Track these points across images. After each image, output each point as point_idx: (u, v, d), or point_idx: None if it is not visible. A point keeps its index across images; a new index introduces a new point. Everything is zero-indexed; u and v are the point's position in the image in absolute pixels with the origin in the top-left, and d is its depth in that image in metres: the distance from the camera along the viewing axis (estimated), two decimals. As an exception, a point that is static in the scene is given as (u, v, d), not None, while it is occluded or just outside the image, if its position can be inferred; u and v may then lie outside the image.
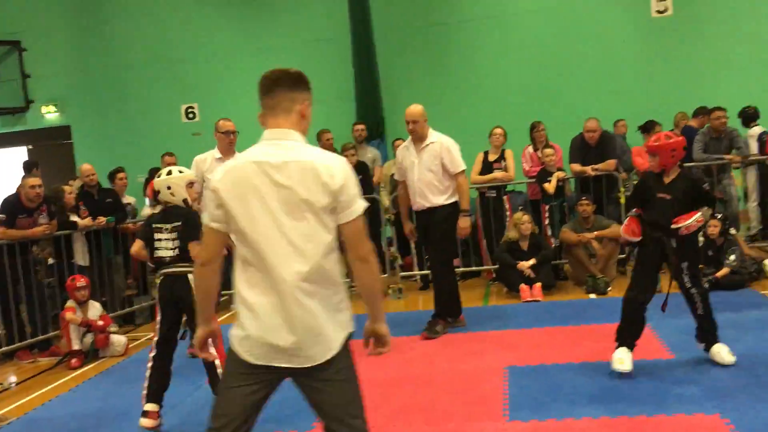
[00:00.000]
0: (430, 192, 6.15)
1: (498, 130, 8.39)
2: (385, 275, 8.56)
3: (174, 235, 4.60)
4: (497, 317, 6.72)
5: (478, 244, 8.58)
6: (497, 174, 8.27)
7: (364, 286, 2.59)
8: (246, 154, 2.56)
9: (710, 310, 4.77)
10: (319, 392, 2.55)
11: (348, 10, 11.72)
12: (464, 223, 6.21)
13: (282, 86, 2.57)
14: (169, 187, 4.68)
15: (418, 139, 6.27)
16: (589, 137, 8.12)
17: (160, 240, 4.62)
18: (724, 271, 6.85)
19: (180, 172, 4.77)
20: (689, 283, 4.67)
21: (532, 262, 7.47)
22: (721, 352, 4.70)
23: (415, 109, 6.33)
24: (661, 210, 4.60)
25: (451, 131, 11.98)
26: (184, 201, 4.73)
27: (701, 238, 7.05)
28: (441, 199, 6.15)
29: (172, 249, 4.59)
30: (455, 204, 6.19)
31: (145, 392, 4.57)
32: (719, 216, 7.14)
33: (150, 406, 4.52)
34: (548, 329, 6.08)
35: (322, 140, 9.39)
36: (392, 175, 9.14)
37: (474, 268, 8.69)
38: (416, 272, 8.59)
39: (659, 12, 11.59)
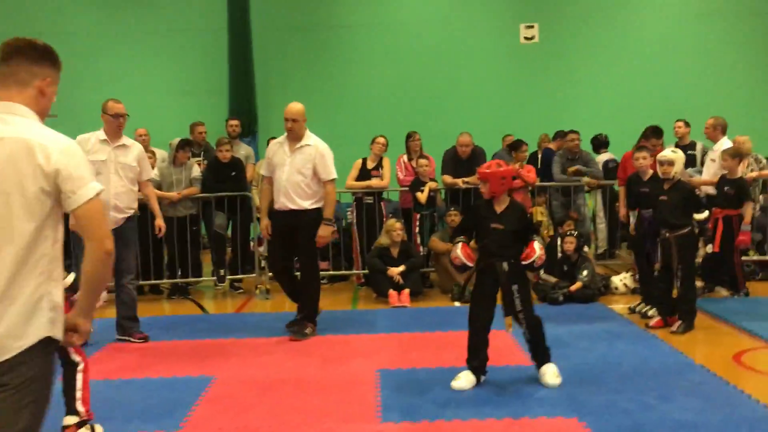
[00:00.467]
0: (296, 194, 6.06)
1: (381, 139, 8.51)
2: (253, 275, 8.42)
3: None
4: (366, 321, 6.79)
5: (350, 248, 8.63)
6: (372, 182, 8.36)
7: (86, 272, 2.30)
8: None
9: (540, 335, 4.81)
10: None
11: (227, 2, 11.46)
12: (325, 231, 6.15)
13: (23, 56, 2.32)
14: None
15: (294, 138, 6.19)
16: (461, 151, 8.42)
17: None
18: (577, 285, 7.33)
19: None
20: (519, 306, 4.72)
21: (401, 268, 7.62)
22: (546, 374, 4.76)
23: (296, 107, 6.25)
24: (495, 239, 4.68)
25: (324, 134, 11.95)
26: None
27: (558, 253, 7.56)
28: (306, 203, 6.09)
29: None
30: (320, 210, 6.16)
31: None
32: (575, 233, 7.64)
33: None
34: (417, 335, 6.22)
35: (194, 133, 9.12)
36: (264, 171, 9.06)
37: (344, 272, 8.72)
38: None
39: (527, 39, 12.27)
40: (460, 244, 4.77)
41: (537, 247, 4.66)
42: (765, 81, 12.04)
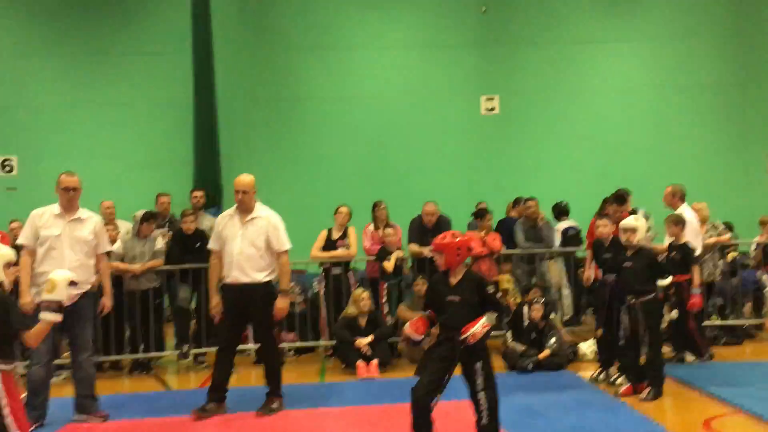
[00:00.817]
0: (250, 267, 5.94)
1: (343, 209, 8.55)
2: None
3: None
4: (335, 394, 6.66)
5: (317, 319, 8.54)
6: (337, 252, 8.33)
7: None
8: None
9: (495, 419, 4.51)
10: None
11: (193, 75, 11.58)
12: (282, 303, 6.06)
13: None
14: None
15: (246, 210, 6.11)
16: (427, 220, 8.49)
17: None
18: (546, 353, 7.32)
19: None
20: (482, 384, 4.47)
21: (369, 338, 7.54)
22: None
23: (246, 178, 6.19)
24: (452, 313, 4.51)
25: (289, 205, 12.06)
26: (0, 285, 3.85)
27: (526, 321, 7.58)
28: (260, 276, 5.99)
29: None
30: (272, 282, 6.09)
31: None
32: (542, 301, 7.69)
33: None
34: (387, 407, 6.11)
35: (159, 204, 9.04)
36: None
37: (311, 344, 8.59)
38: (250, 345, 8.32)
39: (488, 110, 12.60)
40: (416, 316, 4.69)
41: (479, 324, 4.37)
42: (718, 150, 12.48)
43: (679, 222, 7.27)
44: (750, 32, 12.67)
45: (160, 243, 8.11)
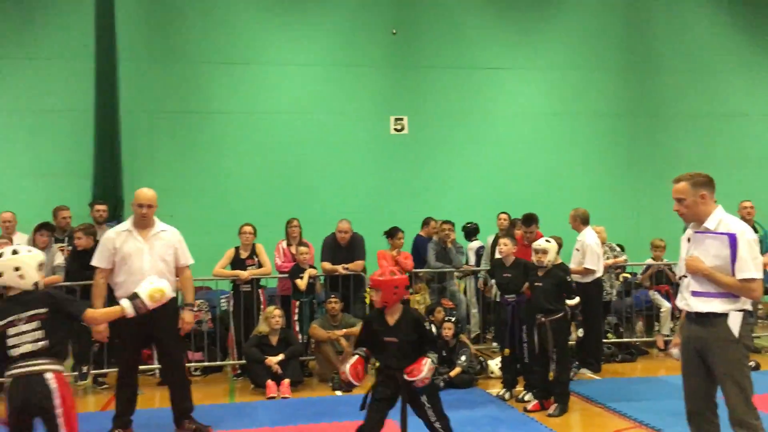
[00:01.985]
0: None
1: (247, 228, 8.42)
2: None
3: (35, 324, 3.84)
4: (246, 415, 6.52)
5: (225, 338, 8.34)
6: (243, 272, 8.15)
7: None
8: None
9: None
10: None
11: (94, 83, 11.10)
12: (190, 317, 6.04)
13: None
14: (17, 269, 3.91)
15: (148, 225, 5.99)
16: (340, 237, 8.50)
17: (18, 335, 3.81)
18: (457, 370, 7.47)
19: (29, 251, 4.06)
20: (434, 416, 4.50)
21: (280, 357, 7.43)
22: None
23: (150, 192, 6.06)
24: (390, 354, 4.45)
25: (194, 220, 11.83)
26: (35, 284, 3.96)
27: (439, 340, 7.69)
28: (170, 292, 5.85)
29: (33, 343, 3.81)
30: (175, 298, 5.99)
31: None
32: (453, 319, 7.84)
33: None
34: (301, 427, 6.05)
35: (58, 218, 8.62)
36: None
37: (219, 363, 8.37)
38: (154, 366, 8.03)
39: (396, 130, 12.78)
40: (354, 358, 4.50)
41: (425, 368, 4.31)
42: (611, 175, 13.17)
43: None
44: (641, 66, 13.47)
45: (60, 258, 7.71)
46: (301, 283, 8.07)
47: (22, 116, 11.36)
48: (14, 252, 4.01)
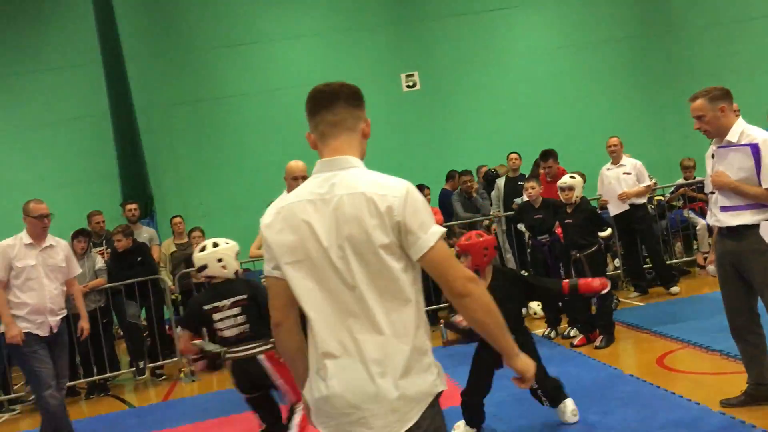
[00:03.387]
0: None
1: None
2: (175, 359, 8.13)
3: (237, 310, 4.24)
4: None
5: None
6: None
7: (475, 323, 2.10)
8: (298, 190, 2.19)
9: (561, 397, 4.57)
10: None
11: (106, 87, 11.23)
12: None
13: (343, 100, 2.21)
14: (220, 260, 4.33)
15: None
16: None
17: (222, 319, 4.28)
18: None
19: (226, 243, 4.49)
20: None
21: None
22: (566, 412, 4.56)
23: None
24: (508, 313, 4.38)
25: (224, 205, 11.98)
26: (236, 273, 4.40)
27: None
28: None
29: (238, 327, 4.25)
30: None
31: None
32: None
33: None
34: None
35: (92, 223, 8.79)
36: (172, 252, 8.84)
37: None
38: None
39: (409, 87, 12.71)
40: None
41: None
42: (632, 101, 12.94)
43: None
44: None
45: (100, 262, 7.90)
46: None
47: (42, 129, 11.58)
48: (215, 245, 4.42)
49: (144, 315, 8.34)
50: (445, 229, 2.18)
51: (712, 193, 4.30)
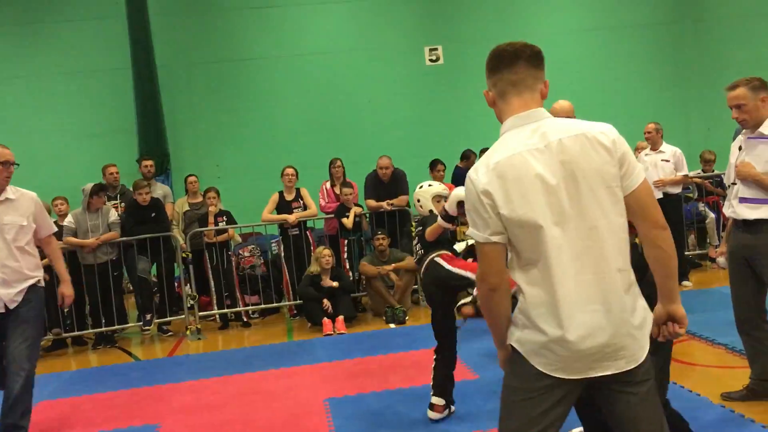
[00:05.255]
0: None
1: (289, 170, 8.45)
2: (182, 316, 8.22)
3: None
4: (306, 351, 6.75)
5: (279, 281, 8.57)
6: (290, 216, 8.19)
7: (662, 259, 2.21)
8: (507, 143, 2.20)
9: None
10: (637, 404, 2.20)
11: (129, 41, 11.22)
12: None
13: (524, 60, 2.26)
14: (418, 200, 5.00)
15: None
16: (382, 174, 8.54)
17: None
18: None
19: (429, 185, 5.10)
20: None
21: (334, 284, 7.63)
22: None
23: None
24: None
25: (238, 167, 12.00)
26: (430, 212, 4.90)
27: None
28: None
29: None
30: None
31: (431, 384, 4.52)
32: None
33: (436, 399, 4.51)
34: (358, 360, 6.24)
35: (106, 175, 8.84)
36: (185, 211, 8.90)
37: (275, 305, 8.63)
38: (215, 311, 8.34)
39: (432, 61, 12.60)
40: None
41: None
42: (658, 88, 12.77)
43: None
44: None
45: (114, 215, 7.96)
46: (348, 221, 8.19)
47: (64, 79, 11.59)
48: (420, 186, 5.08)
49: (154, 271, 8.42)
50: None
51: (734, 183, 4.24)
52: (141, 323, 8.10)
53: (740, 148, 4.24)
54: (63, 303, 5.01)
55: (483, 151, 9.36)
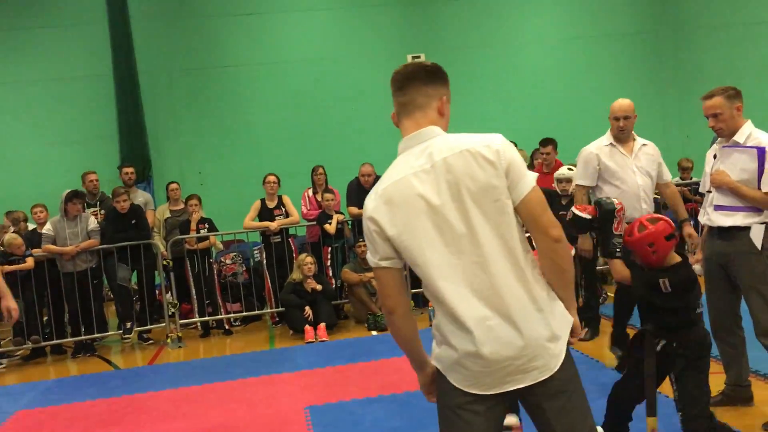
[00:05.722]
0: None
1: (271, 178, 8.46)
2: (162, 324, 8.17)
3: None
4: (287, 359, 6.74)
5: (261, 288, 8.55)
6: (272, 223, 8.20)
7: (554, 270, 2.19)
8: (396, 168, 2.22)
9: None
10: (561, 411, 2.18)
11: (110, 47, 11.18)
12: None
13: (417, 80, 2.27)
14: None
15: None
16: (364, 181, 8.55)
17: None
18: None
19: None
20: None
21: (319, 287, 7.62)
22: None
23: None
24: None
25: (223, 175, 11.98)
26: None
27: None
28: None
29: None
30: None
31: None
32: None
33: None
34: (339, 367, 6.24)
35: (86, 182, 8.80)
36: (166, 218, 8.86)
37: (257, 312, 8.60)
38: (196, 319, 8.30)
39: (414, 67, 12.63)
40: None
41: None
42: (636, 97, 12.75)
43: None
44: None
45: (93, 223, 7.91)
46: (330, 227, 8.19)
47: (44, 85, 11.52)
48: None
49: (135, 279, 8.37)
50: (536, 175, 2.25)
51: (709, 191, 4.31)
52: (121, 331, 8.05)
53: (715, 157, 4.31)
54: (10, 317, 4.44)
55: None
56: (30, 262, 7.54)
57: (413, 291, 8.38)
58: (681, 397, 3.58)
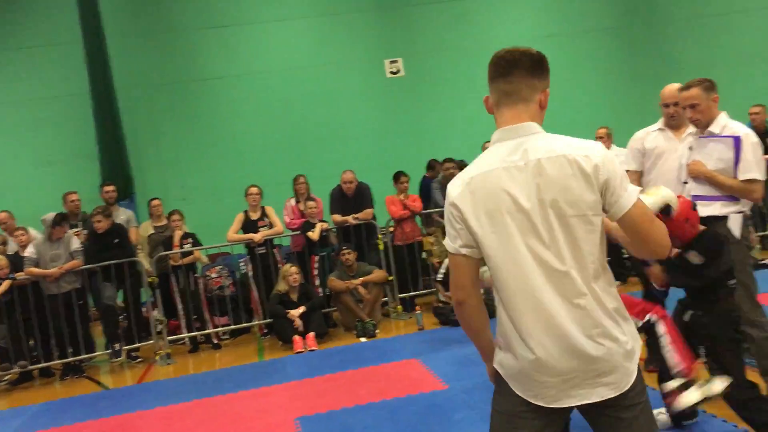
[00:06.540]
0: None
1: (254, 189, 8.43)
2: (151, 341, 8.12)
3: None
4: (276, 370, 6.71)
5: (248, 299, 8.52)
6: (256, 235, 8.16)
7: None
8: (487, 159, 2.14)
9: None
10: (632, 422, 2.11)
11: (86, 66, 11.12)
12: None
13: (522, 69, 2.16)
14: None
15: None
16: (346, 188, 8.55)
17: None
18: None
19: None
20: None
21: (301, 309, 7.60)
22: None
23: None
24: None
25: (203, 188, 11.91)
26: None
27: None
28: None
29: None
30: None
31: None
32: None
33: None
34: (329, 376, 6.22)
35: (68, 203, 8.74)
36: (150, 235, 8.81)
37: (245, 324, 8.56)
38: (184, 335, 8.26)
39: (393, 73, 12.67)
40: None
41: None
42: (613, 91, 13.00)
43: None
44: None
45: (76, 243, 7.85)
46: (314, 234, 8.17)
47: (21, 107, 11.45)
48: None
49: (121, 297, 8.31)
50: (640, 188, 2.19)
51: (685, 183, 4.34)
52: (110, 352, 7.99)
53: (690, 149, 4.35)
54: None
55: (447, 160, 9.42)
56: (5, 285, 7.42)
57: (401, 296, 8.40)
58: (716, 369, 3.57)
